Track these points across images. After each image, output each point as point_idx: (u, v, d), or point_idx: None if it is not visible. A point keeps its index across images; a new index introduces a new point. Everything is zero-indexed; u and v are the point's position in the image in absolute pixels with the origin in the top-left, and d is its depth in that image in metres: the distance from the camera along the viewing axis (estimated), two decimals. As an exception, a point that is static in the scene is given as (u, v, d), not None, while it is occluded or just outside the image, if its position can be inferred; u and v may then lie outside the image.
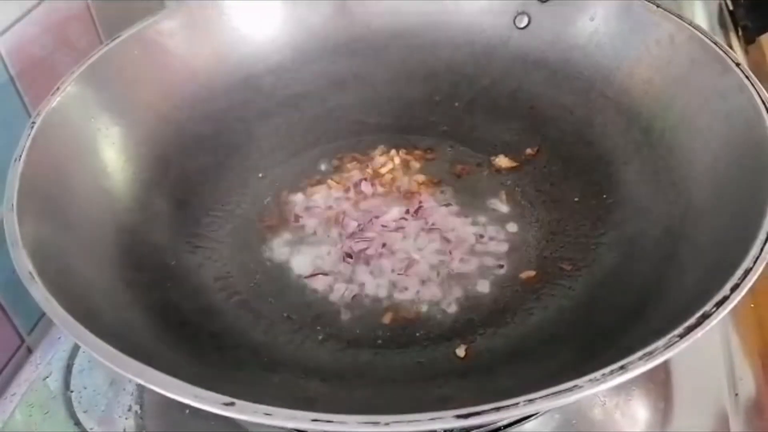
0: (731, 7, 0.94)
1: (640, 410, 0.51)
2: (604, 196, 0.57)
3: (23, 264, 0.40)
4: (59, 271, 0.42)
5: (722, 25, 0.94)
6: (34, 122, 0.50)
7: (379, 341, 0.51)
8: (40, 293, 0.38)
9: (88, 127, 0.55)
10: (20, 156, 0.47)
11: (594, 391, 0.33)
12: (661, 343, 0.34)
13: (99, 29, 0.70)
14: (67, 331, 0.37)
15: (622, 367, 0.33)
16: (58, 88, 0.53)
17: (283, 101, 0.67)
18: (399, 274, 0.55)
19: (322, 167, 0.65)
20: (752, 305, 0.56)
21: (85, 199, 0.51)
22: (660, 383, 0.52)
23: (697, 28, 0.55)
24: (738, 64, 0.50)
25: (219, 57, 0.65)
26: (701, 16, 0.90)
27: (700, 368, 0.52)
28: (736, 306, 0.36)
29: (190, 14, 0.64)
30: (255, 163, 0.64)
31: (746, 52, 0.86)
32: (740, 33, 0.92)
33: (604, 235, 0.54)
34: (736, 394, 0.51)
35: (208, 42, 0.64)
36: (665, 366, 0.53)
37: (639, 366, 0.33)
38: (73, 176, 0.51)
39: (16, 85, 0.60)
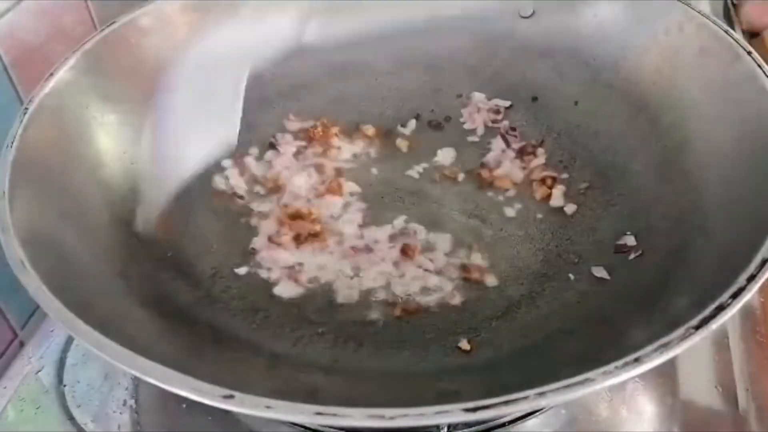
0: (736, 1, 0.94)
1: (647, 406, 0.50)
2: (611, 187, 0.56)
3: (14, 252, 0.39)
4: (52, 260, 0.41)
5: (727, 18, 0.93)
6: (26, 108, 0.49)
7: (381, 334, 0.49)
8: (31, 282, 0.37)
9: (82, 114, 0.53)
10: (12, 143, 0.46)
11: (607, 384, 0.32)
12: (676, 334, 0.33)
13: (94, 16, 0.69)
14: (59, 321, 0.36)
15: (636, 360, 0.32)
16: (51, 75, 0.52)
17: (282, 90, 0.66)
18: (401, 266, 0.53)
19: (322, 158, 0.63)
20: (761, 300, 0.55)
21: (79, 188, 0.50)
22: (668, 378, 0.51)
23: (706, 16, 0.54)
24: (750, 53, 0.49)
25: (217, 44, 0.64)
26: (706, 10, 0.89)
27: (709, 363, 0.52)
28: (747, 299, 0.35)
29: (188, 0, 0.62)
30: (253, 153, 0.63)
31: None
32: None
33: (611, 228, 0.53)
34: (747, 389, 0.50)
35: (205, 29, 0.63)
36: (673, 361, 0.52)
37: (654, 358, 0.32)
38: (67, 164, 0.50)
39: (9, 74, 0.59)
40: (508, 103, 0.66)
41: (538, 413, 0.48)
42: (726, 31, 0.52)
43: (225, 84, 0.43)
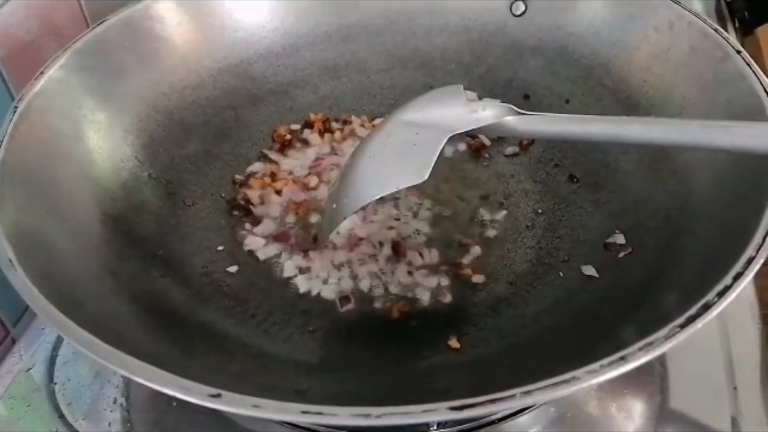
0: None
1: (636, 403, 0.51)
2: (602, 185, 0.56)
3: (2, 251, 0.39)
4: (41, 259, 0.41)
5: (719, 16, 0.93)
6: (16, 107, 0.49)
7: (371, 333, 0.50)
8: (19, 281, 0.37)
9: (73, 112, 0.53)
10: (1, 141, 0.46)
11: (593, 382, 0.32)
12: (661, 333, 0.34)
13: (86, 14, 0.68)
14: (47, 319, 0.36)
15: (621, 358, 0.33)
16: (42, 73, 0.52)
17: (274, 88, 0.67)
18: (391, 264, 0.54)
19: (315, 157, 0.63)
20: (751, 297, 0.55)
21: (69, 187, 0.50)
22: (657, 376, 0.51)
23: (696, 14, 0.54)
24: (739, 51, 0.50)
25: (209, 43, 0.64)
26: (698, 6, 0.90)
27: (698, 360, 0.52)
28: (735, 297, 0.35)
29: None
30: (245, 151, 0.63)
31: (742, 44, 0.86)
32: (737, 25, 0.91)
33: (601, 226, 0.53)
34: (735, 388, 0.50)
35: (197, 27, 0.63)
36: (662, 358, 0.52)
37: (639, 357, 0.33)
38: (58, 163, 0.50)
39: (0, 70, 0.58)
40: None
41: (527, 410, 0.48)
42: (716, 30, 0.52)
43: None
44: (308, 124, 0.65)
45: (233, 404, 0.32)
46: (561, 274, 0.51)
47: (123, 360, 0.34)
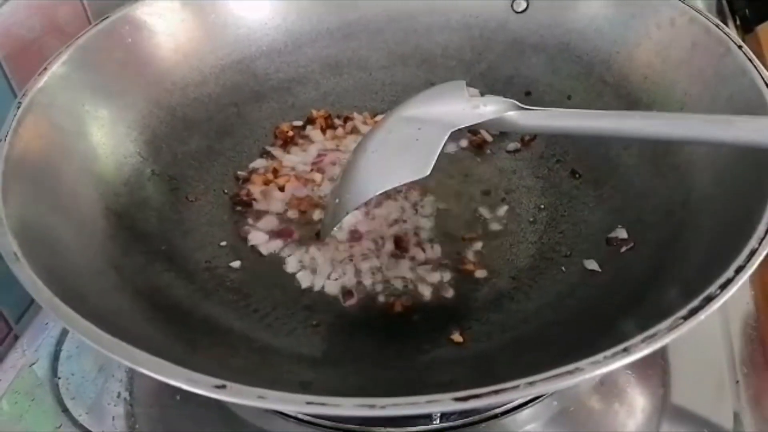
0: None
1: (638, 398, 0.51)
2: (604, 181, 0.57)
3: (7, 244, 0.39)
4: (45, 253, 0.41)
5: (720, 14, 0.93)
6: (20, 102, 0.49)
7: (374, 327, 0.50)
8: (24, 274, 0.37)
9: (76, 109, 0.53)
10: (5, 137, 0.46)
11: (596, 373, 0.32)
12: (664, 325, 0.34)
13: (88, 11, 0.68)
14: (52, 311, 0.36)
15: (624, 350, 0.33)
16: (45, 69, 0.52)
17: (276, 85, 0.67)
18: (393, 259, 0.54)
19: (317, 153, 0.63)
20: (752, 291, 0.56)
21: (72, 182, 0.50)
22: (659, 369, 0.51)
23: (698, 11, 0.54)
24: (740, 47, 0.50)
25: (211, 40, 0.64)
26: (698, 4, 0.90)
27: (700, 355, 0.52)
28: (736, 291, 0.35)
29: (181, -2, 0.62)
30: (248, 147, 0.63)
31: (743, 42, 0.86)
32: (738, 22, 0.91)
33: (603, 221, 0.54)
34: (737, 382, 0.50)
35: (200, 24, 0.63)
36: (664, 353, 0.52)
37: (642, 348, 0.33)
38: (61, 158, 0.50)
39: (2, 68, 0.58)
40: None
41: (529, 404, 0.48)
42: (717, 26, 0.52)
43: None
44: (310, 121, 0.65)
45: (238, 395, 0.32)
46: (563, 268, 0.52)
47: (128, 351, 0.34)
